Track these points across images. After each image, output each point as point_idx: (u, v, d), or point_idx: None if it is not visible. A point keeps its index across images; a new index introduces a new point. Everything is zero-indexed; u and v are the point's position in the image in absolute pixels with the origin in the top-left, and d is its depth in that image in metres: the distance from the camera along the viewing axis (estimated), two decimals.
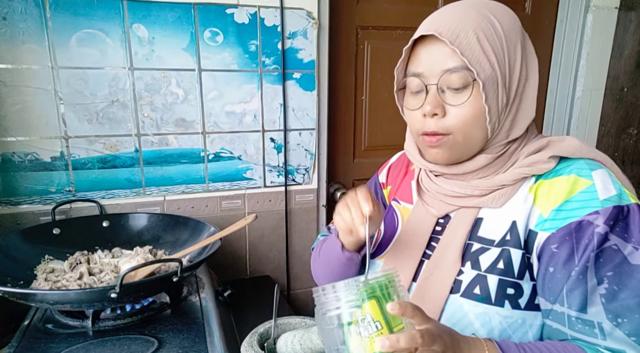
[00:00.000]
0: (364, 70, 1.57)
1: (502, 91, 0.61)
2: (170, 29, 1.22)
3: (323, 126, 1.46)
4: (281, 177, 1.43)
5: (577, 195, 0.58)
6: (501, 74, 0.61)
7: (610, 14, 1.69)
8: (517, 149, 0.66)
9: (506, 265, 0.62)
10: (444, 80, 0.61)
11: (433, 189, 0.71)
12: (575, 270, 0.56)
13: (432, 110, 0.62)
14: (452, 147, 0.64)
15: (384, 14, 1.54)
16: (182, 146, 1.30)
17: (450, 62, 0.60)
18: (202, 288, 1.07)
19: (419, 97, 0.64)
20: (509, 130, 0.64)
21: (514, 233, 0.62)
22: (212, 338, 0.87)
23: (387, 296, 0.48)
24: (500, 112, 0.62)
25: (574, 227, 0.57)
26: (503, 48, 0.61)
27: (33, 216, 1.19)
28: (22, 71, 1.11)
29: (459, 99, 0.61)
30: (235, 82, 1.31)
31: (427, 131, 0.64)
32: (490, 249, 0.64)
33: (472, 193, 0.66)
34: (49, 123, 1.16)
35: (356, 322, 0.47)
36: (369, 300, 0.47)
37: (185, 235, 1.16)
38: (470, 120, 0.61)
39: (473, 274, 0.64)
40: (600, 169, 0.61)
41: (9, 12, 1.08)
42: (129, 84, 1.21)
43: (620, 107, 1.81)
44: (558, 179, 0.61)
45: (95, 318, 0.89)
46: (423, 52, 0.63)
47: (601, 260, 0.56)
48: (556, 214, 0.59)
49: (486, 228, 0.65)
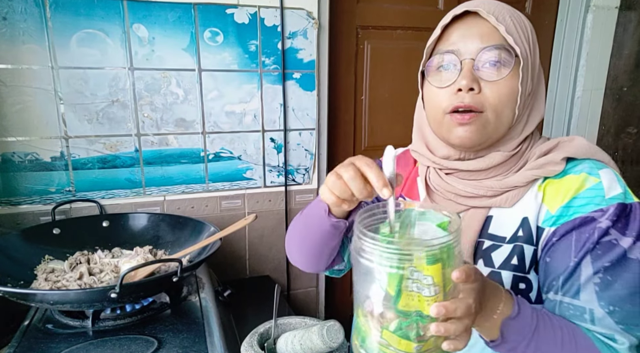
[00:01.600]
0: (364, 70, 1.57)
1: (530, 78, 0.62)
2: (171, 29, 1.22)
3: (323, 126, 1.46)
4: (281, 177, 1.43)
5: (585, 191, 0.59)
6: (531, 60, 0.62)
7: (610, 13, 1.69)
8: (527, 149, 0.66)
9: (519, 260, 0.62)
10: (482, 57, 0.61)
11: (444, 188, 0.69)
12: (574, 261, 0.58)
13: (469, 84, 0.60)
14: (483, 127, 0.62)
15: (384, 14, 1.54)
16: (182, 146, 1.30)
17: (490, 39, 0.60)
18: (202, 288, 1.07)
19: (450, 74, 0.63)
20: (524, 125, 0.65)
21: (525, 229, 0.63)
22: (212, 338, 0.87)
23: (450, 258, 0.44)
24: (526, 100, 0.63)
25: (578, 223, 0.58)
26: (529, 37, 0.62)
27: (33, 216, 1.19)
28: (22, 71, 1.11)
29: (497, 75, 0.61)
30: (235, 82, 1.31)
31: (461, 105, 0.61)
32: (502, 246, 0.64)
33: (485, 194, 0.65)
34: (49, 123, 1.16)
35: (411, 274, 0.43)
36: (434, 264, 0.43)
37: (185, 235, 1.16)
38: (504, 98, 0.61)
39: (487, 271, 0.64)
40: (606, 168, 0.62)
41: (9, 12, 1.08)
42: (129, 84, 1.21)
43: (620, 107, 1.81)
44: (568, 178, 0.62)
45: (95, 318, 0.89)
46: (457, 31, 0.63)
47: (599, 252, 0.57)
48: (563, 210, 0.60)
49: (496, 225, 0.66)
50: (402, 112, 1.62)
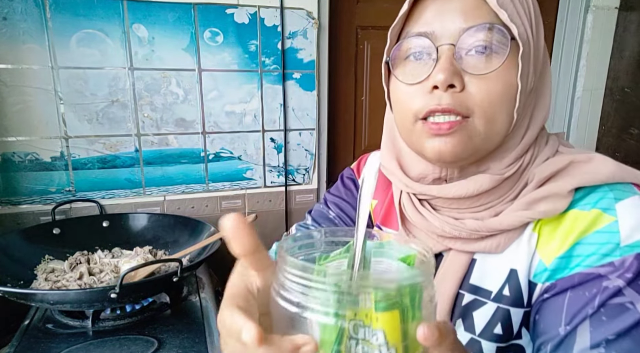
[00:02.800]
0: (364, 70, 1.57)
1: (533, 69, 0.46)
2: (170, 29, 1.22)
3: (323, 126, 1.46)
4: (281, 177, 1.43)
5: (592, 235, 0.43)
6: (534, 46, 0.45)
7: (610, 14, 1.69)
8: (529, 162, 0.49)
9: (505, 329, 0.48)
10: (466, 41, 0.44)
11: (418, 222, 0.53)
12: (566, 329, 0.42)
13: (449, 79, 0.43)
14: (469, 137, 0.46)
15: (384, 14, 1.54)
16: (182, 146, 1.30)
17: (477, 16, 0.44)
18: (202, 288, 1.07)
19: (424, 66, 0.46)
20: (525, 131, 0.48)
21: (512, 286, 0.48)
22: (212, 338, 0.87)
23: (414, 306, 0.29)
24: (524, 100, 0.46)
25: (577, 281, 0.43)
26: (530, 12, 0.45)
27: (33, 216, 1.19)
28: (22, 71, 1.11)
29: (486, 66, 0.44)
30: (235, 82, 1.31)
31: (438, 108, 0.45)
32: (487, 304, 0.49)
33: (467, 237, 0.49)
34: (49, 123, 1.16)
35: (354, 330, 0.28)
36: (385, 311, 0.28)
37: (185, 235, 1.16)
38: (497, 98, 0.44)
39: (466, 338, 0.50)
40: (631, 196, 0.44)
41: (9, 12, 1.08)
42: (129, 84, 1.21)
43: (621, 107, 1.81)
44: (572, 213, 0.45)
45: (95, 318, 0.89)
46: (432, 6, 0.46)
47: (603, 318, 0.41)
48: (560, 263, 0.45)
49: (481, 274, 0.50)
50: None
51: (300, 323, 0.29)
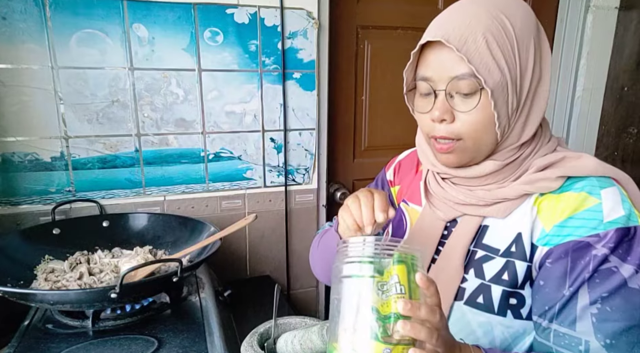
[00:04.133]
0: (364, 70, 1.57)
1: (512, 96, 0.59)
2: (170, 29, 1.22)
3: (323, 126, 1.46)
4: (281, 177, 1.43)
5: (582, 212, 0.57)
6: (511, 79, 0.58)
7: (610, 13, 1.69)
8: (529, 154, 0.63)
9: (511, 277, 0.61)
10: (453, 86, 0.59)
11: (439, 193, 0.70)
12: (569, 290, 0.55)
13: (441, 116, 0.60)
14: (463, 152, 0.62)
15: (384, 14, 1.53)
16: (182, 146, 1.30)
17: (459, 69, 0.57)
18: (202, 288, 1.07)
19: (428, 101, 0.63)
20: (520, 132, 0.62)
21: (519, 245, 0.61)
22: (212, 338, 0.87)
23: (415, 268, 0.48)
24: (511, 116, 0.60)
25: (572, 247, 0.56)
26: (514, 51, 0.58)
27: (33, 216, 1.19)
28: (22, 71, 1.11)
29: (468, 105, 0.59)
30: (235, 82, 1.31)
31: (437, 135, 0.62)
32: (495, 258, 0.63)
33: (476, 203, 0.65)
34: (49, 123, 1.16)
35: (380, 279, 0.47)
36: (399, 264, 0.47)
37: (185, 235, 1.16)
38: (480, 127, 0.59)
39: (477, 283, 0.63)
40: (611, 186, 0.58)
41: (9, 12, 1.07)
42: (129, 84, 1.21)
43: (621, 107, 1.81)
44: (566, 195, 0.59)
45: (95, 318, 0.89)
46: (432, 56, 0.61)
47: (597, 280, 0.54)
48: (557, 230, 0.58)
49: (491, 236, 0.64)
50: (402, 112, 1.60)
51: (357, 287, 0.49)
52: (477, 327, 0.62)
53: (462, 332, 0.64)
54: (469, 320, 0.63)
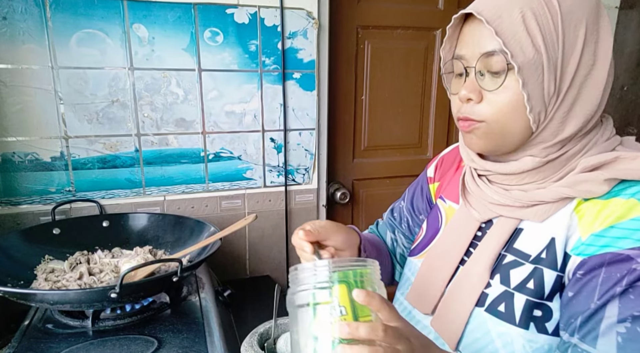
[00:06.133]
0: (364, 70, 1.57)
1: (549, 78, 0.53)
2: (170, 29, 1.22)
3: (323, 126, 1.46)
4: (281, 177, 1.43)
5: (626, 222, 0.50)
6: (549, 59, 0.52)
7: (611, 13, 1.69)
8: (578, 152, 0.56)
9: (537, 285, 0.56)
10: (482, 64, 0.55)
11: (475, 192, 0.65)
12: (596, 303, 0.49)
13: (466, 95, 0.57)
14: (487, 135, 0.58)
15: (385, 14, 1.53)
16: (182, 146, 1.30)
17: (489, 44, 0.54)
18: (202, 288, 1.07)
19: (461, 81, 0.60)
20: (561, 124, 0.55)
21: (550, 251, 0.56)
22: (212, 338, 0.87)
23: (359, 284, 0.46)
24: (548, 103, 0.54)
25: (609, 259, 0.49)
26: (557, 29, 0.52)
27: (33, 216, 1.19)
28: (22, 71, 1.11)
29: (495, 84, 0.55)
30: (235, 82, 1.31)
31: (460, 116, 0.59)
32: (524, 265, 0.58)
33: (512, 204, 0.59)
34: (49, 123, 1.16)
35: (325, 303, 0.45)
36: (338, 284, 0.45)
37: (185, 235, 1.16)
38: (506, 109, 0.55)
39: (501, 289, 0.59)
40: None
41: (9, 12, 1.08)
42: (129, 84, 1.21)
43: (621, 106, 1.81)
44: (613, 201, 0.52)
45: (95, 318, 0.89)
46: (467, 32, 0.58)
47: (631, 296, 0.47)
48: (594, 239, 0.51)
49: (524, 240, 0.59)
50: (402, 112, 1.61)
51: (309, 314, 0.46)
52: (496, 336, 0.58)
53: (480, 341, 0.60)
54: (489, 329, 0.59)
